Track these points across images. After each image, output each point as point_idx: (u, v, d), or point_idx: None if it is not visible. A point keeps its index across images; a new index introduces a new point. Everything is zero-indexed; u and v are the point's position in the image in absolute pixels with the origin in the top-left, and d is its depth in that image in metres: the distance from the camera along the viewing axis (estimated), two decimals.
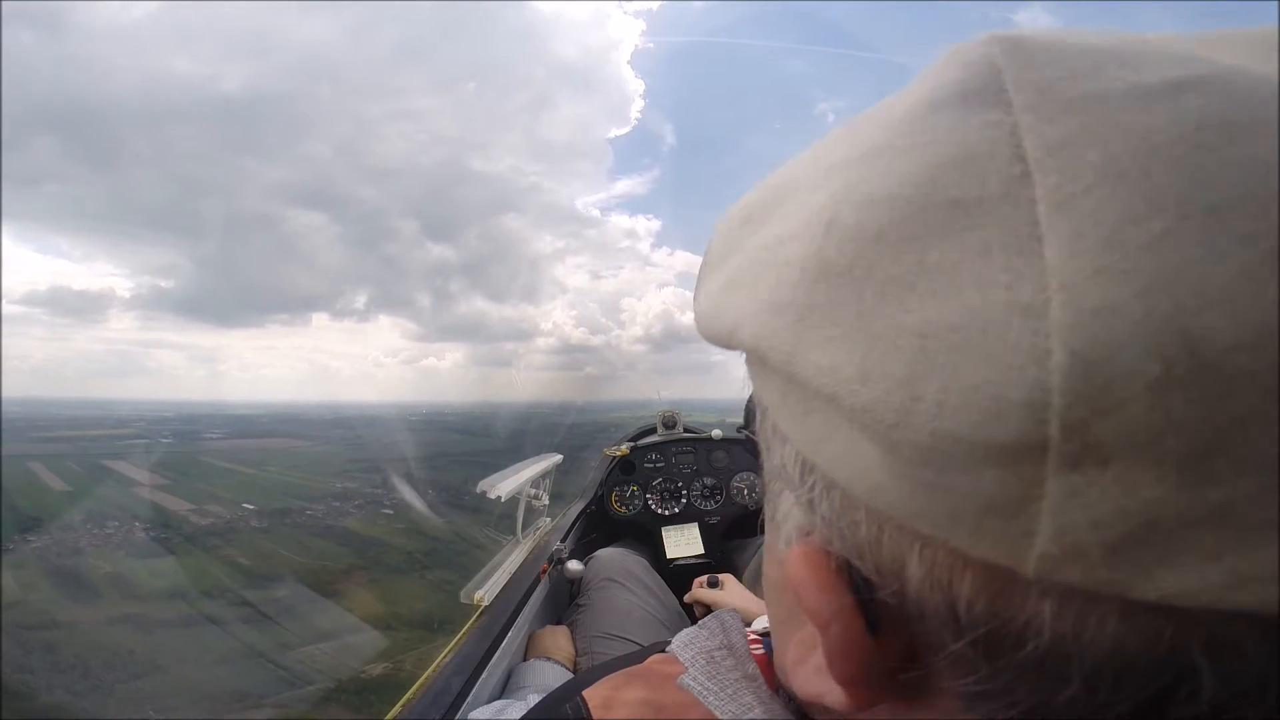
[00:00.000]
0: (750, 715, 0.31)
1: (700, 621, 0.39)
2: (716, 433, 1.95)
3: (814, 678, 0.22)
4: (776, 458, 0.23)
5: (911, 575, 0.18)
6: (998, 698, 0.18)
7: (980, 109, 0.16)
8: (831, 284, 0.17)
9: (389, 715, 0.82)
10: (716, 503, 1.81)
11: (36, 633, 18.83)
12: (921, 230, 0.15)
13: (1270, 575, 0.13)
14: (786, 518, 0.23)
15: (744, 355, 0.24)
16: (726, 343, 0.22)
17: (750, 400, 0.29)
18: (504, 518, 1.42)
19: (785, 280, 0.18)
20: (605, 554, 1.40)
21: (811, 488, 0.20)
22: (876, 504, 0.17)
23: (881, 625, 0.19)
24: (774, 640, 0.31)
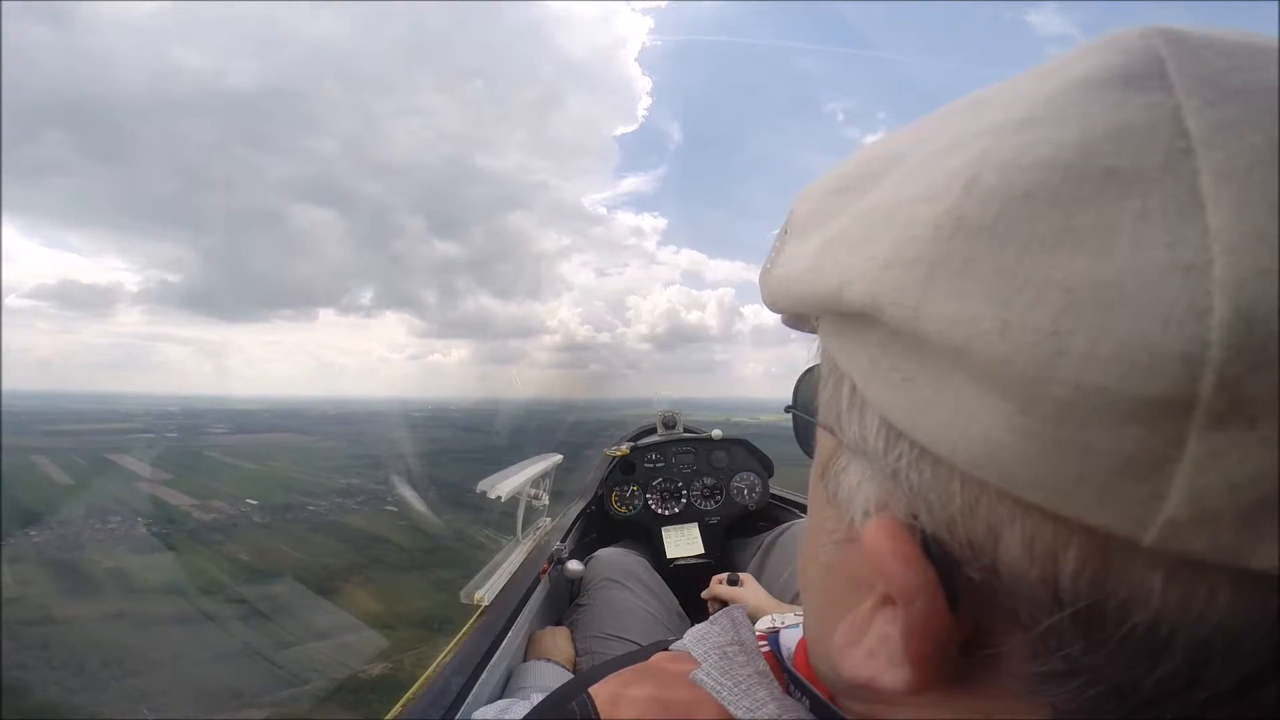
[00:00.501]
0: (763, 711, 0.31)
1: (711, 618, 0.40)
2: (716, 433, 1.93)
3: (867, 661, 0.22)
4: (853, 429, 0.22)
5: (1007, 549, 0.17)
6: (1079, 676, 0.17)
7: (1142, 91, 0.16)
8: (970, 239, 0.16)
9: (389, 715, 0.81)
10: (716, 503, 1.79)
11: (34, 629, 18.63)
12: (1073, 193, 0.15)
13: None
14: (856, 491, 0.23)
15: (822, 327, 0.24)
16: (824, 303, 0.22)
17: (807, 376, 0.30)
18: (504, 518, 1.42)
19: (912, 237, 0.18)
20: (605, 554, 1.38)
21: (899, 457, 0.20)
22: (986, 470, 0.17)
23: (960, 602, 0.19)
24: (813, 629, 0.30)
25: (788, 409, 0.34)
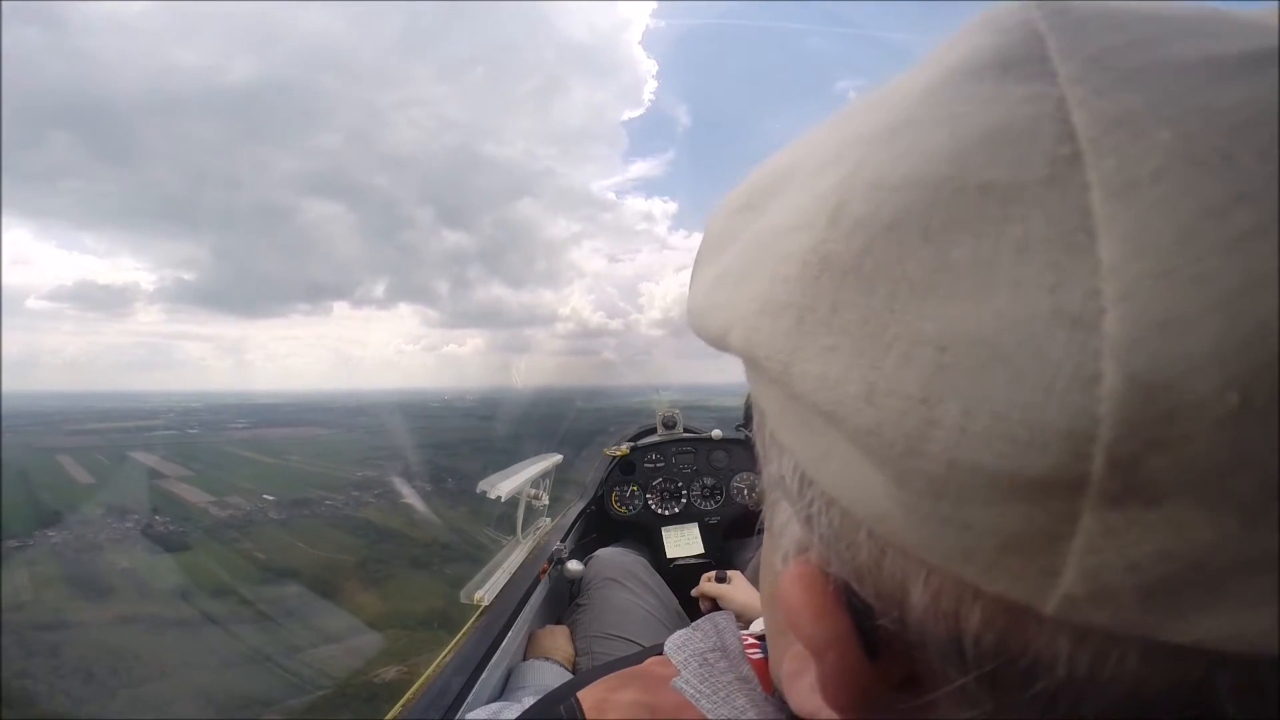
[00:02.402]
0: (744, 718, 0.30)
1: (694, 623, 0.39)
2: (716, 433, 1.91)
3: (810, 695, 0.20)
4: (775, 467, 0.21)
5: (915, 603, 0.16)
6: None
7: (1020, 80, 0.14)
8: (835, 282, 0.15)
9: (389, 715, 0.81)
10: (716, 503, 1.78)
11: (44, 634, 18.29)
12: (945, 220, 0.13)
13: None
14: (784, 530, 0.22)
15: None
16: (719, 345, 0.20)
17: (749, 400, 0.28)
18: (504, 518, 1.41)
19: (783, 276, 0.16)
20: (605, 554, 1.39)
21: (810, 503, 0.18)
22: (882, 528, 0.15)
23: (881, 650, 0.18)
24: (770, 649, 0.30)
25: (739, 428, 0.34)
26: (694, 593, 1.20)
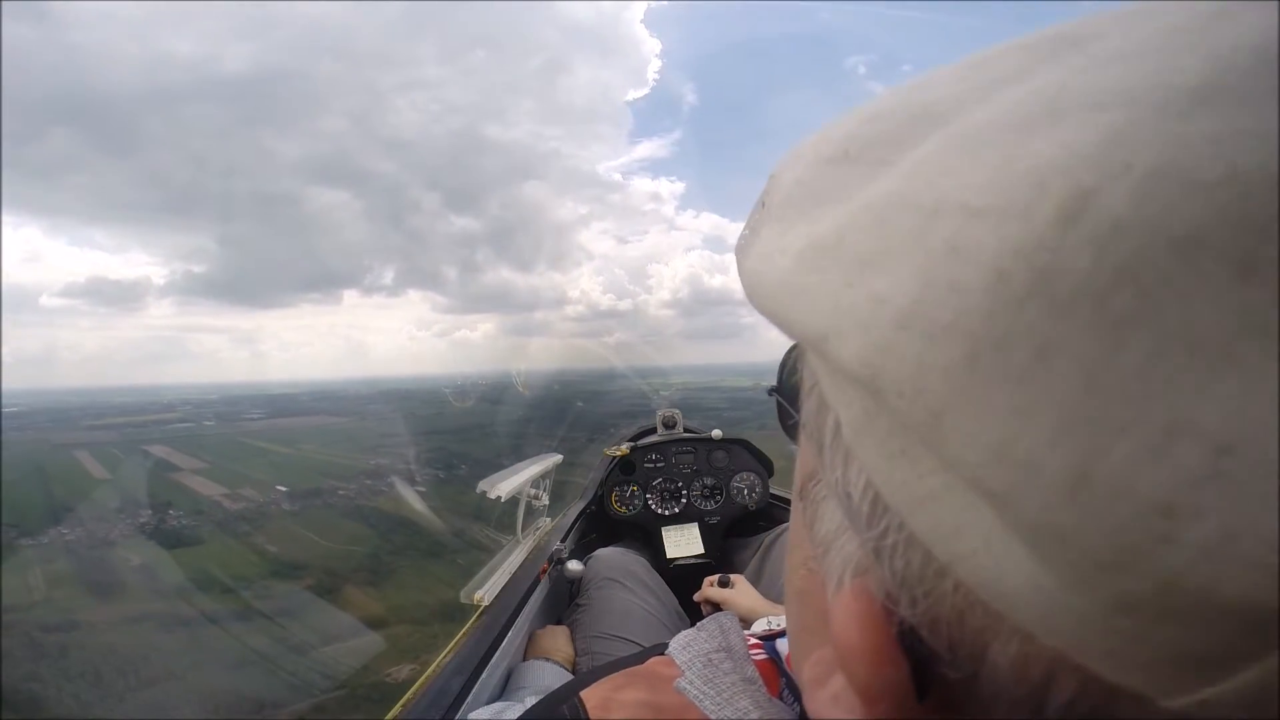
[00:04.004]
0: (747, 719, 0.30)
1: (699, 624, 0.39)
2: (716, 433, 1.92)
3: (830, 706, 0.18)
4: (836, 473, 0.17)
5: (993, 663, 0.14)
6: None
7: None
8: (1054, 315, 0.10)
9: (389, 715, 0.80)
10: (716, 503, 1.79)
11: (48, 635, 17.96)
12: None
13: None
14: (833, 540, 0.19)
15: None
16: (803, 338, 0.16)
17: (792, 360, 0.25)
18: (504, 518, 1.39)
19: (950, 283, 0.11)
20: (605, 554, 1.38)
21: (883, 534, 0.15)
22: (991, 598, 0.13)
23: (930, 692, 0.16)
24: (791, 646, 0.27)
25: (771, 391, 0.29)
26: (696, 597, 1.18)
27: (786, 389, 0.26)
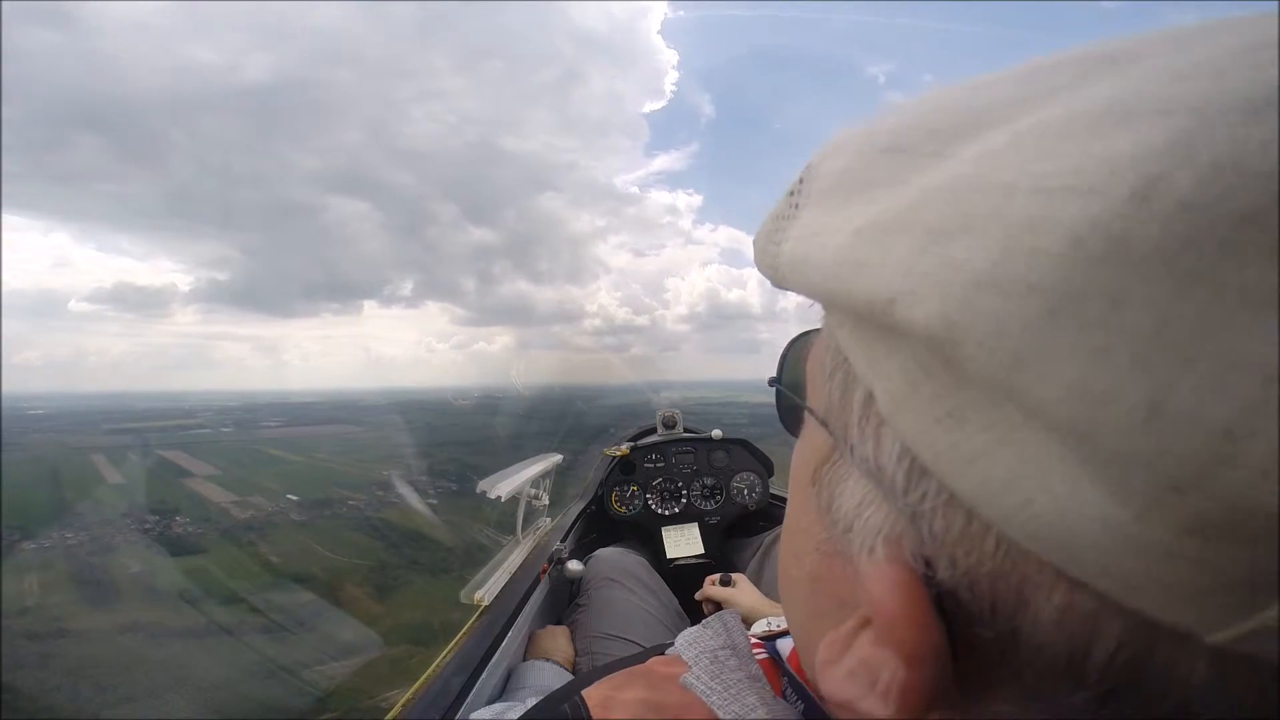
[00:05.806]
0: (753, 716, 0.30)
1: (704, 621, 0.39)
2: (716, 433, 1.90)
3: (846, 683, 0.19)
4: (865, 448, 0.18)
5: (1034, 617, 0.15)
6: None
7: None
8: (1128, 271, 0.11)
9: (389, 715, 0.80)
10: (716, 503, 1.77)
11: (34, 643, 17.02)
12: None
13: None
14: (857, 515, 0.19)
15: (835, 316, 0.20)
16: (861, 309, 0.16)
17: (800, 345, 0.25)
18: (504, 517, 1.41)
19: (1030, 249, 0.12)
20: (605, 554, 1.37)
21: (923, 498, 0.16)
22: (1044, 548, 0.14)
23: (961, 652, 0.16)
24: (797, 637, 0.28)
25: (772, 382, 0.30)
26: (698, 596, 1.16)
27: (790, 378, 0.27)
